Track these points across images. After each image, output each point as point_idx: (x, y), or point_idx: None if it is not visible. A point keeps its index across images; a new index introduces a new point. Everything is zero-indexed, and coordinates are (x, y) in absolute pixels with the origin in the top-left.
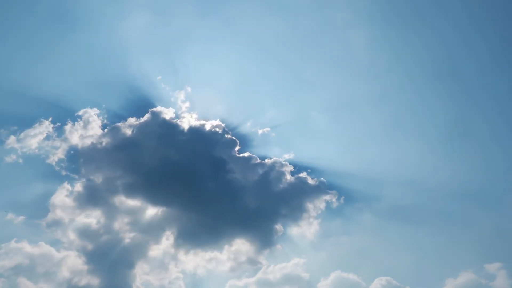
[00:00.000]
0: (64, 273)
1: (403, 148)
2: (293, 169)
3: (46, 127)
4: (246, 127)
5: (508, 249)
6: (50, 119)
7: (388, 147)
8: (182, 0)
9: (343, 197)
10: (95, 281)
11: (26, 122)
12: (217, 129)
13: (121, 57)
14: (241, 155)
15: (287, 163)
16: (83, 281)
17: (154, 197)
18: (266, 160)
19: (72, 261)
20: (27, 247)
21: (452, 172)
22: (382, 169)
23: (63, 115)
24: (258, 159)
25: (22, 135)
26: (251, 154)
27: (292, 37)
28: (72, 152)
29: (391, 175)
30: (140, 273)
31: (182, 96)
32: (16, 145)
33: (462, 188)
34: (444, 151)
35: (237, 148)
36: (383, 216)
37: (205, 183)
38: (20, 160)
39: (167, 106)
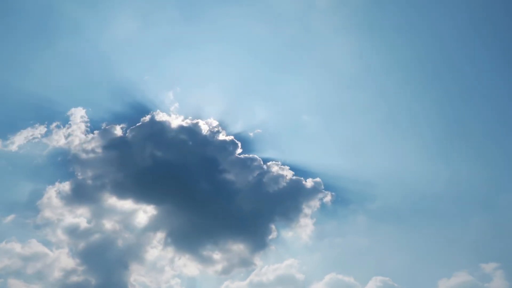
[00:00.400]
0: (56, 273)
1: (396, 150)
2: (288, 171)
3: (36, 129)
4: (236, 129)
5: (503, 249)
6: (46, 123)
7: (381, 148)
8: (166, 6)
9: (337, 199)
10: (87, 281)
11: (14, 125)
12: (213, 129)
13: (108, 62)
14: (237, 156)
15: (281, 164)
16: (75, 281)
17: (147, 198)
18: (260, 162)
19: (64, 261)
20: (17, 247)
21: (446, 173)
22: (376, 170)
23: (53, 118)
24: (255, 160)
25: (10, 137)
26: (249, 155)
27: (278, 42)
28: (62, 153)
29: (385, 176)
30: (133, 274)
31: (170, 97)
32: (5, 148)
33: (456, 188)
34: (438, 151)
35: (232, 148)
36: (377, 217)
37: (198, 184)
38: (9, 162)
39: (154, 107)
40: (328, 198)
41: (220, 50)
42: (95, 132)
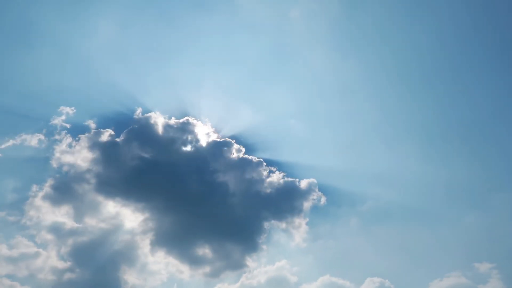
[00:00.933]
0: (43, 272)
1: (388, 151)
2: (281, 173)
3: (22, 135)
4: (223, 132)
5: (496, 248)
6: (31, 127)
7: (372, 150)
8: (145, 15)
9: (330, 200)
10: (74, 279)
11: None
12: (206, 130)
13: (89, 67)
14: (229, 157)
15: (273, 166)
16: (62, 280)
17: (136, 199)
18: (253, 163)
19: (51, 261)
20: (3, 248)
21: (438, 173)
22: (368, 171)
23: (37, 121)
24: (249, 161)
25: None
26: (241, 156)
27: (255, 50)
28: (48, 154)
29: (378, 178)
30: (122, 274)
31: (153, 101)
32: None
33: (449, 189)
34: (429, 152)
35: (224, 149)
36: (370, 218)
37: (189, 185)
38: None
39: (137, 108)
40: (321, 199)
41: (199, 57)
42: (81, 135)
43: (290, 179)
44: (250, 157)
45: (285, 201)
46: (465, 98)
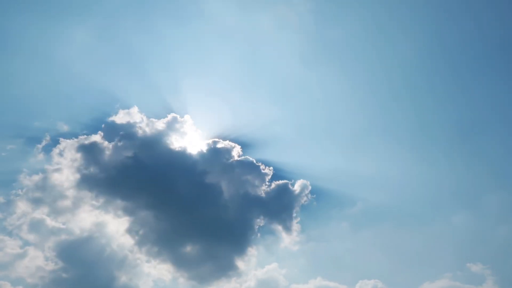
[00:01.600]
0: (29, 272)
1: (378, 154)
2: (273, 174)
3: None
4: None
5: (488, 249)
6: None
7: (363, 153)
8: (122, 23)
9: (322, 202)
10: (61, 278)
11: None
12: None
13: (68, 72)
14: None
15: (266, 169)
16: (47, 279)
17: (126, 197)
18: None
19: (37, 261)
20: None
21: (429, 175)
22: (360, 174)
23: (19, 124)
24: (242, 163)
25: None
26: (239, 158)
27: (229, 58)
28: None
29: (368, 180)
30: (108, 276)
31: (130, 103)
32: None
33: (441, 190)
34: (420, 154)
35: (218, 151)
36: (362, 220)
37: (178, 187)
38: None
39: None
40: (312, 202)
41: (176, 63)
42: (61, 138)
43: (282, 181)
44: (242, 159)
45: (277, 203)
46: (454, 100)
